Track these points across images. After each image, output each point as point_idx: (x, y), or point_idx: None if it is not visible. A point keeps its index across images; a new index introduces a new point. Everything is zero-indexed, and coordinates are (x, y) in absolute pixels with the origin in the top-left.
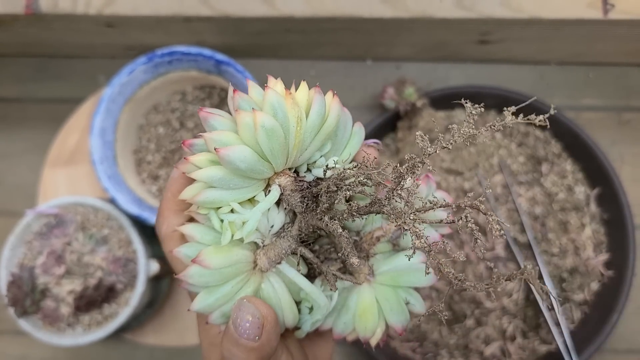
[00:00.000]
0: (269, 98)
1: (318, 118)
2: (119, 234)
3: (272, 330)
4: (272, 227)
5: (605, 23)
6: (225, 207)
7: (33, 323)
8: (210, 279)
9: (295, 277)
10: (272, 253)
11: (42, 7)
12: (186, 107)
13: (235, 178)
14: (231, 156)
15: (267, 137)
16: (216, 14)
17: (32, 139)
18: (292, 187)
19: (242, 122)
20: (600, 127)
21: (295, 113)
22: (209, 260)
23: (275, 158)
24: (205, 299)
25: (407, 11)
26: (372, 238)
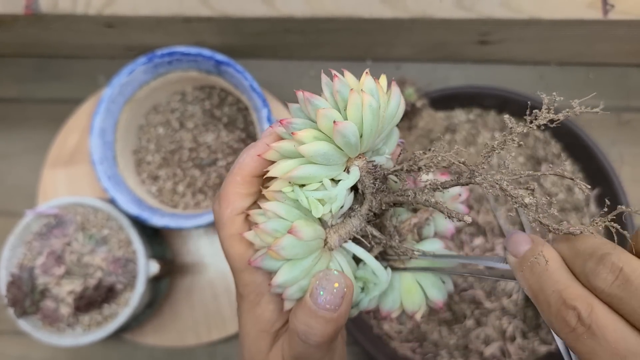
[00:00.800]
0: (367, 83)
1: (395, 107)
2: (118, 235)
3: (350, 301)
4: (341, 208)
5: (605, 23)
6: (311, 185)
7: (33, 323)
8: (300, 251)
9: (362, 254)
10: (343, 231)
11: (42, 7)
12: (186, 108)
13: (336, 154)
14: (346, 130)
15: (371, 117)
16: (216, 15)
17: (32, 139)
18: (367, 169)
19: (353, 101)
20: (600, 127)
21: (383, 99)
22: (303, 232)
23: (369, 138)
24: (288, 272)
25: (406, 11)
26: (410, 224)
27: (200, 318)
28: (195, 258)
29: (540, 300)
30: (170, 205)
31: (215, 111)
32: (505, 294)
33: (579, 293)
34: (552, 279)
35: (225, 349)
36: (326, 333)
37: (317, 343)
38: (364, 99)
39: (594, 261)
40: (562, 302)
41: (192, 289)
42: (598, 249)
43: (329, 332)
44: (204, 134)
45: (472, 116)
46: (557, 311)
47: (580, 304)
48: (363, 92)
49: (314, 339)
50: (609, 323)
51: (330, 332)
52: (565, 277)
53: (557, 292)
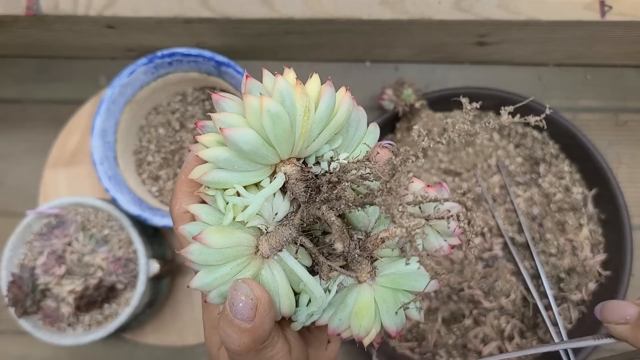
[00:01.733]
0: (278, 85)
1: (327, 110)
2: (119, 234)
3: (265, 314)
4: (276, 215)
5: (603, 25)
6: (230, 190)
7: (33, 323)
8: (210, 258)
9: (294, 265)
10: (273, 240)
11: (43, 8)
12: (186, 108)
13: (240, 160)
14: (235, 137)
15: (272, 122)
16: (216, 16)
17: (33, 140)
18: (297, 176)
19: (249, 105)
20: (598, 128)
21: (303, 102)
22: (210, 238)
23: (280, 144)
24: (204, 277)
25: (405, 13)
26: (377, 239)
27: (200, 317)
28: None
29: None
30: None
31: None
32: (503, 294)
33: None
34: None
35: None
36: (242, 343)
37: (236, 352)
38: (262, 104)
39: None
40: None
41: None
42: None
43: (246, 343)
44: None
45: (470, 117)
46: None
47: None
48: (262, 95)
49: (232, 347)
50: None
51: (248, 343)
52: None
53: None
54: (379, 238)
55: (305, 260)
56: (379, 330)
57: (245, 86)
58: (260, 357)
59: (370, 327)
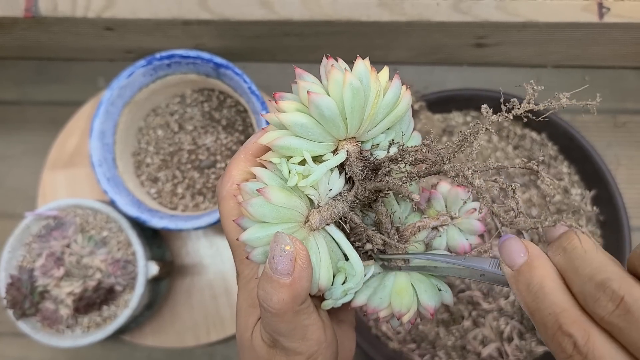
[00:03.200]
0: (357, 67)
1: (393, 98)
2: (118, 236)
3: (303, 267)
4: (330, 191)
5: (601, 26)
6: (296, 158)
7: (32, 325)
8: (268, 213)
9: (340, 238)
10: (325, 213)
11: (42, 10)
12: (185, 110)
13: (316, 128)
14: (319, 101)
15: (352, 95)
16: (215, 18)
17: (32, 142)
18: (357, 155)
19: (333, 78)
20: (596, 129)
21: (376, 86)
22: (273, 194)
23: (352, 119)
24: (256, 231)
25: (404, 15)
26: (414, 227)
27: (199, 319)
28: (194, 259)
29: (536, 320)
30: (170, 206)
31: (214, 113)
32: (502, 295)
33: (576, 319)
34: (549, 300)
35: (224, 350)
36: (281, 299)
37: (275, 310)
38: (345, 77)
39: (594, 285)
40: (559, 326)
41: (191, 290)
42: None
43: (284, 299)
44: (203, 136)
45: (469, 118)
46: (553, 335)
47: (576, 330)
48: (346, 70)
49: (270, 304)
50: (606, 353)
51: (286, 299)
52: (562, 299)
53: (553, 314)
54: (417, 226)
55: None
56: (416, 309)
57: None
58: (297, 321)
59: (410, 304)
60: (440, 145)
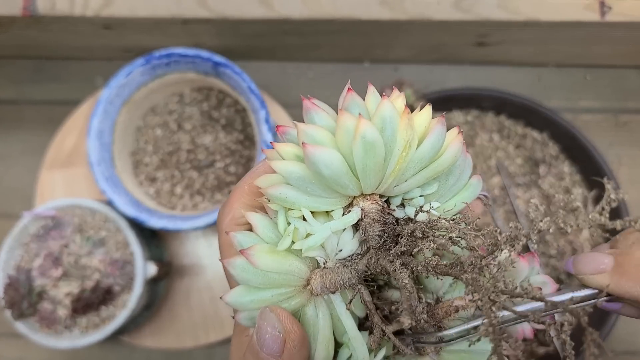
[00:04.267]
0: (382, 110)
1: (431, 151)
2: (116, 236)
3: (294, 350)
4: (339, 252)
5: (602, 25)
6: (296, 212)
7: (30, 325)
8: (252, 278)
9: (343, 314)
10: (328, 278)
11: (40, 8)
12: (184, 109)
13: (315, 184)
14: (317, 157)
15: (364, 151)
16: (214, 16)
17: (29, 141)
18: (376, 217)
19: (342, 125)
20: (598, 129)
21: (406, 136)
22: (259, 258)
23: (365, 177)
24: (240, 295)
25: (404, 13)
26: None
27: (198, 320)
28: (193, 260)
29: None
30: (168, 206)
31: (213, 113)
32: None
33: None
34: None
35: (224, 351)
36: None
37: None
38: (358, 127)
39: None
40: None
41: (190, 290)
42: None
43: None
44: (202, 136)
45: (470, 118)
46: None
47: None
48: (360, 117)
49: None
50: None
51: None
52: None
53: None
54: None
55: (358, 310)
56: None
57: (344, 101)
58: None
59: None
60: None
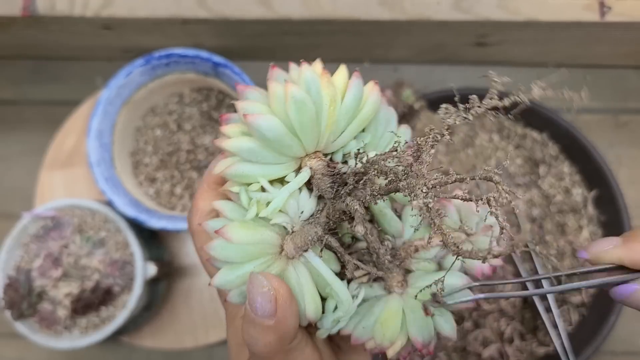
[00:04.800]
0: (303, 74)
1: (354, 101)
2: (116, 237)
3: (286, 306)
4: (302, 214)
5: (602, 25)
6: (255, 185)
7: (30, 326)
8: (232, 254)
9: (319, 265)
10: (298, 239)
11: (39, 9)
12: (183, 110)
13: (265, 151)
14: (258, 123)
15: (296, 110)
16: (213, 16)
17: (29, 142)
18: (324, 171)
19: (273, 92)
20: (598, 129)
21: (329, 92)
22: (232, 233)
23: (305, 134)
24: (226, 274)
25: (404, 13)
26: (410, 246)
27: (198, 320)
28: (193, 260)
29: None
30: (168, 207)
31: (213, 113)
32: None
33: None
34: None
35: (223, 351)
36: (268, 342)
37: (262, 353)
38: (287, 90)
39: None
40: None
41: (190, 291)
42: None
43: (271, 342)
44: (202, 136)
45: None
46: None
47: None
48: (287, 82)
49: (257, 348)
50: None
51: (273, 342)
52: None
53: None
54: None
55: (333, 264)
56: (404, 342)
57: (270, 75)
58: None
59: (395, 337)
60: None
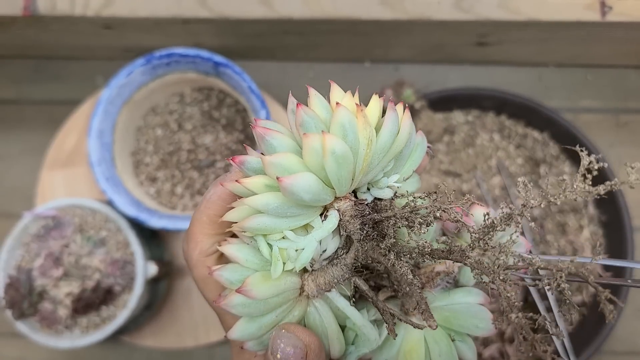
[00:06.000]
0: (339, 117)
1: (390, 138)
2: (116, 236)
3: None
4: (323, 252)
5: (603, 25)
6: (276, 235)
7: (30, 325)
8: (255, 310)
9: (346, 308)
10: (322, 280)
11: (40, 8)
12: (184, 109)
13: (294, 207)
14: (296, 186)
15: (336, 165)
16: (214, 16)
17: (30, 141)
18: (352, 213)
19: (310, 147)
20: (599, 129)
21: (366, 134)
22: (256, 290)
23: (340, 186)
24: (246, 327)
25: (405, 13)
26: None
27: (198, 320)
28: None
29: None
30: (169, 206)
31: (214, 113)
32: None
33: None
34: None
35: (224, 350)
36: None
37: None
38: (325, 144)
39: None
40: None
41: (190, 290)
42: None
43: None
44: (203, 136)
45: (470, 117)
46: None
47: None
48: (324, 134)
49: None
50: None
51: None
52: None
53: None
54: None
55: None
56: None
57: (298, 117)
58: None
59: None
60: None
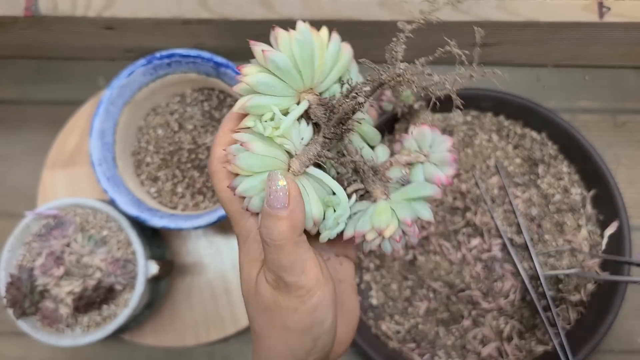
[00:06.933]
0: (299, 27)
1: (336, 48)
2: (118, 235)
3: (297, 200)
4: (302, 140)
5: (601, 26)
6: (267, 115)
7: (32, 324)
8: (254, 162)
9: (321, 174)
10: (303, 158)
11: (42, 9)
12: (185, 109)
13: (277, 83)
14: (275, 56)
15: (299, 48)
16: (215, 17)
17: (32, 141)
18: (317, 102)
19: (281, 37)
20: (596, 129)
21: (318, 40)
22: (255, 145)
23: (305, 69)
24: (249, 181)
25: (404, 14)
26: (387, 163)
27: (199, 318)
28: (194, 259)
29: None
30: (170, 206)
31: (215, 113)
32: (502, 295)
33: None
34: None
35: (224, 349)
36: (281, 231)
37: (277, 242)
38: (291, 35)
39: None
40: None
41: (191, 289)
42: None
43: (284, 230)
44: (203, 136)
45: (469, 118)
46: None
47: None
48: (290, 29)
49: (272, 237)
50: None
51: (286, 230)
52: None
53: None
54: (389, 162)
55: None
56: (396, 226)
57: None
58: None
59: (389, 221)
60: None
